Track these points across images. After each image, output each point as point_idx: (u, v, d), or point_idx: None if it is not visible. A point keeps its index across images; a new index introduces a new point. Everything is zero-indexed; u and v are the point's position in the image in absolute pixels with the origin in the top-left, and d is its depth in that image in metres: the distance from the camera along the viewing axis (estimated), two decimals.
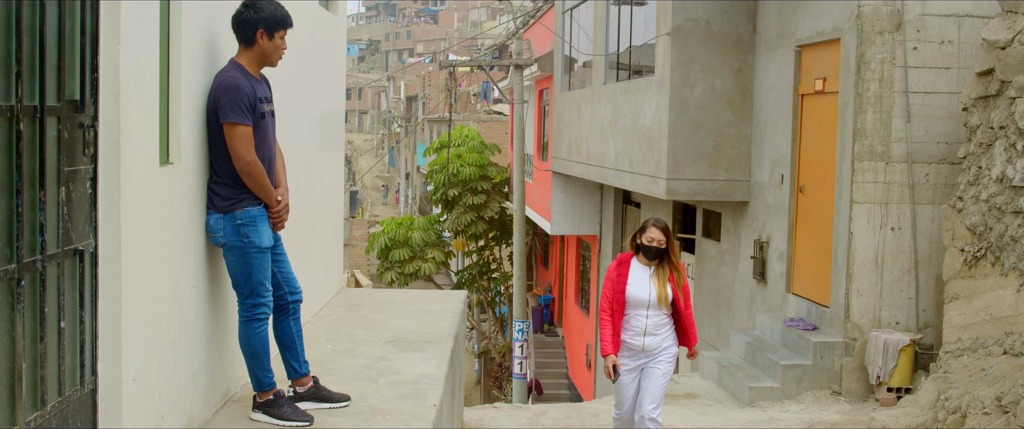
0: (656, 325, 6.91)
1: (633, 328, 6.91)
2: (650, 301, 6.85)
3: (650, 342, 6.91)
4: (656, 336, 6.92)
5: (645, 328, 6.88)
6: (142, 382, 3.95)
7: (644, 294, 6.86)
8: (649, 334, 6.89)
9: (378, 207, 68.77)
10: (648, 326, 6.88)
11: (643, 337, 6.90)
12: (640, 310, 6.88)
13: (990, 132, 8.79)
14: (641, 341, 6.91)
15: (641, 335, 6.89)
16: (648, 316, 6.87)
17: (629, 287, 6.88)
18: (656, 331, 6.91)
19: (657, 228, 6.87)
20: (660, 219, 6.98)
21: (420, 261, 26.04)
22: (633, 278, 6.91)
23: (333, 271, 8.14)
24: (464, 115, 41.72)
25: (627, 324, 6.93)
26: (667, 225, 6.96)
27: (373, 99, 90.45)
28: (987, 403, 7.54)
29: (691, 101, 12.57)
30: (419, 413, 5.08)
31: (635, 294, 6.86)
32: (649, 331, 6.89)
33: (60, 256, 3.32)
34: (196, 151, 4.59)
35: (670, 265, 6.92)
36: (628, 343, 6.93)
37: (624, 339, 6.93)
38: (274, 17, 4.75)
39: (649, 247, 6.84)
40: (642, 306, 6.87)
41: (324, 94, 7.52)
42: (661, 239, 6.84)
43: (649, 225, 6.89)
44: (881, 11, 9.76)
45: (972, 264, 8.93)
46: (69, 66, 3.37)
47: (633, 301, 6.87)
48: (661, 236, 6.84)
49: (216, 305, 4.95)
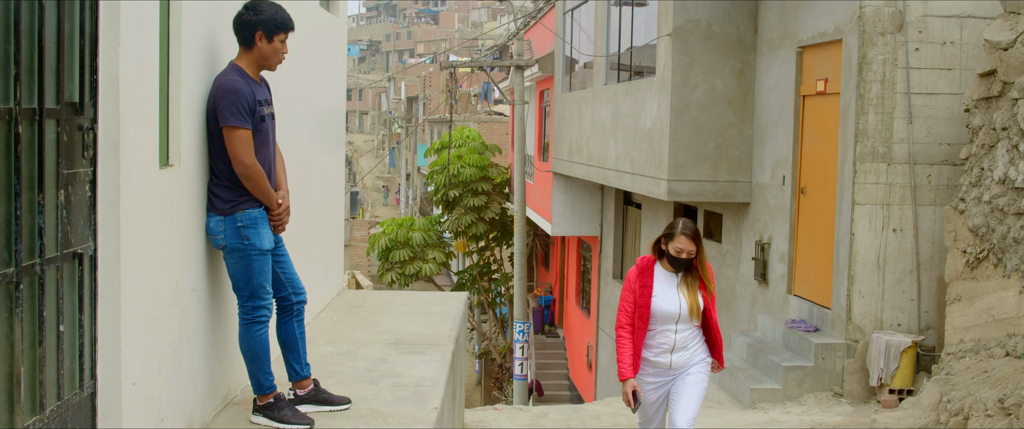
0: (686, 339, 6.03)
1: (659, 345, 6.01)
2: (680, 315, 5.95)
3: (678, 359, 6.03)
4: (685, 351, 6.04)
5: (673, 344, 5.99)
6: (142, 385, 3.94)
7: (673, 307, 5.95)
8: (678, 350, 6.01)
9: (379, 208, 68.76)
10: (677, 342, 5.99)
11: (670, 354, 6.01)
12: (668, 325, 5.98)
13: (992, 133, 8.77)
14: (668, 359, 6.02)
15: (668, 352, 6.01)
16: (677, 330, 5.97)
17: (655, 300, 5.95)
18: (686, 346, 6.03)
19: (686, 236, 5.89)
20: (689, 223, 5.99)
21: (421, 262, 26.02)
22: (659, 289, 5.99)
23: (334, 273, 8.13)
24: (465, 116, 41.71)
25: (652, 341, 6.02)
26: (697, 229, 5.99)
27: (374, 100, 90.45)
28: (989, 405, 7.52)
29: (692, 102, 12.55)
30: (420, 416, 5.07)
31: (663, 308, 5.95)
32: (678, 347, 6.00)
33: (59, 259, 3.31)
34: (196, 153, 4.57)
35: (699, 271, 6.02)
36: (653, 362, 6.04)
37: (647, 357, 6.03)
38: (274, 20, 4.73)
39: (677, 259, 5.92)
40: (670, 321, 5.97)
41: (324, 95, 7.50)
42: (691, 250, 5.90)
43: (677, 232, 5.91)
44: (883, 12, 9.74)
45: (974, 266, 8.90)
46: (68, 68, 3.36)
47: (660, 316, 5.96)
48: (691, 246, 5.90)
49: (216, 308, 4.94)
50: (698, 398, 6.06)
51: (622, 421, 9.62)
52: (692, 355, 6.06)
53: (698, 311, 5.98)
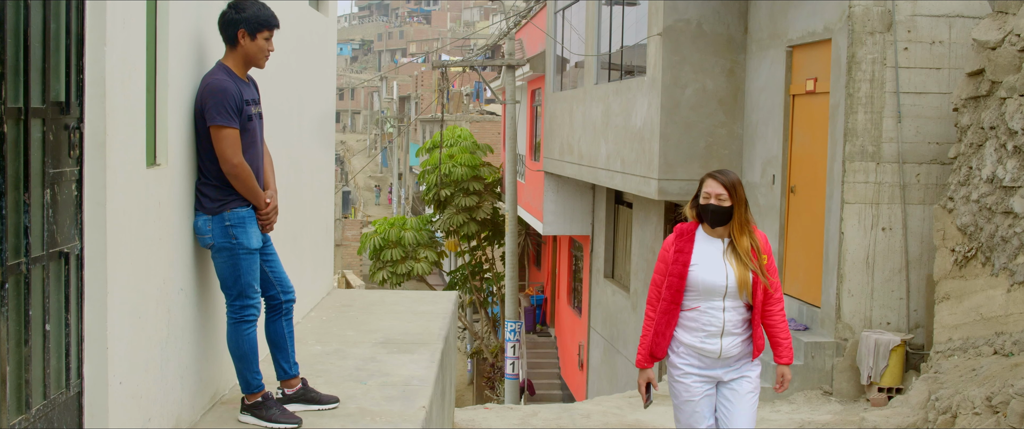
0: (736, 322, 5.04)
1: (705, 326, 5.03)
2: (727, 288, 4.98)
3: (730, 346, 5.04)
4: (736, 337, 5.05)
5: (723, 326, 5.01)
6: (129, 384, 3.94)
7: (717, 278, 4.98)
8: (728, 334, 5.03)
9: (371, 207, 68.69)
10: (727, 323, 5.01)
11: (719, 339, 5.03)
12: (714, 301, 5.01)
13: (980, 132, 8.80)
14: (717, 345, 5.03)
15: (717, 337, 5.02)
16: (726, 309, 5.01)
17: (694, 268, 5.00)
18: (737, 330, 5.05)
19: (716, 180, 5.00)
20: (728, 171, 5.08)
21: (412, 261, 26.03)
22: (700, 256, 5.03)
23: (323, 272, 8.12)
24: (457, 115, 41.71)
25: (694, 321, 5.06)
26: (736, 179, 5.05)
27: (366, 99, 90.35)
28: (977, 403, 7.54)
29: (682, 101, 12.57)
30: (408, 415, 5.07)
31: (705, 278, 4.98)
32: (729, 330, 5.02)
33: (45, 258, 3.31)
34: (183, 152, 4.57)
35: (748, 236, 5.04)
36: (699, 349, 5.05)
37: (691, 343, 5.06)
38: (256, 18, 4.72)
39: (706, 206, 4.99)
40: (715, 296, 5.00)
41: (314, 95, 7.50)
42: (722, 193, 4.96)
43: (708, 177, 5.06)
44: (872, 11, 9.76)
45: (962, 264, 8.94)
46: (54, 67, 3.35)
47: (702, 288, 4.99)
48: (720, 190, 4.96)
49: (204, 307, 4.94)
50: (754, 406, 5.17)
51: (611, 421, 9.63)
52: (744, 347, 5.11)
53: (749, 286, 4.99)
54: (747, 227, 5.03)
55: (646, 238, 16.11)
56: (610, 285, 18.74)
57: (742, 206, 5.00)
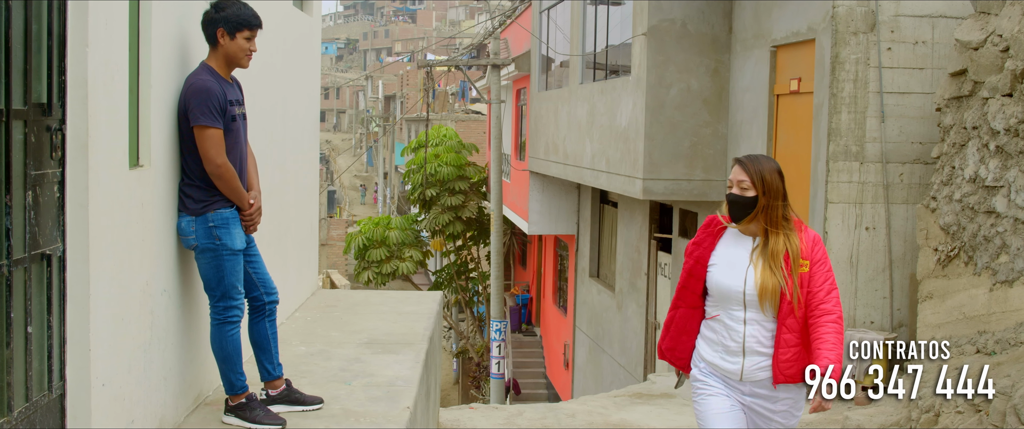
0: (762, 339, 4.18)
1: (723, 340, 4.24)
2: (745, 296, 4.17)
3: (753, 367, 4.19)
4: (763, 357, 4.19)
5: (743, 342, 4.19)
6: (111, 386, 3.93)
7: (734, 282, 4.19)
8: (752, 353, 4.18)
9: (356, 207, 68.59)
10: (748, 340, 4.18)
11: (741, 358, 4.20)
12: (733, 310, 4.21)
13: (963, 132, 8.85)
14: (738, 365, 4.21)
15: (738, 354, 4.20)
16: (747, 321, 4.19)
17: (713, 269, 4.25)
18: (763, 349, 4.18)
19: (742, 166, 4.23)
20: (758, 157, 4.31)
21: (398, 261, 26.00)
22: (723, 255, 4.27)
23: (308, 273, 8.11)
24: (442, 114, 41.67)
25: (712, 333, 4.29)
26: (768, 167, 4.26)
27: (351, 98, 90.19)
28: (960, 402, 7.59)
29: (667, 101, 12.60)
30: (392, 415, 5.07)
31: (720, 281, 4.22)
32: (752, 348, 4.19)
33: (27, 260, 3.29)
34: (167, 154, 4.56)
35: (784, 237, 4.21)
36: (720, 367, 4.26)
37: (712, 360, 4.28)
38: (237, 17, 4.71)
39: (728, 195, 4.26)
40: (734, 303, 4.20)
41: (298, 95, 7.49)
42: (744, 181, 4.18)
43: (734, 161, 4.31)
44: (855, 12, 9.80)
45: (945, 263, 8.98)
46: (36, 69, 3.34)
47: (718, 292, 4.23)
48: (744, 177, 4.18)
49: (188, 308, 4.92)
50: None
51: (597, 420, 9.65)
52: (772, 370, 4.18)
53: (774, 295, 4.12)
54: (785, 226, 4.22)
55: (631, 238, 16.14)
56: (595, 284, 18.77)
57: (776, 199, 4.21)
